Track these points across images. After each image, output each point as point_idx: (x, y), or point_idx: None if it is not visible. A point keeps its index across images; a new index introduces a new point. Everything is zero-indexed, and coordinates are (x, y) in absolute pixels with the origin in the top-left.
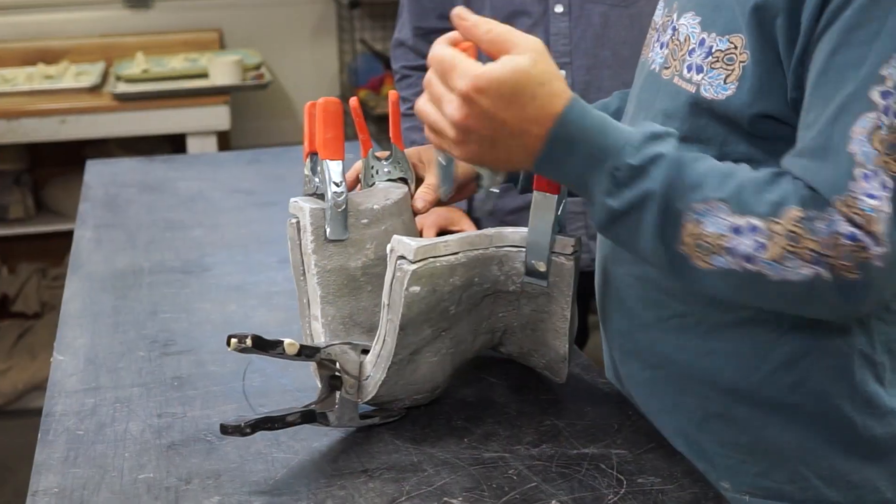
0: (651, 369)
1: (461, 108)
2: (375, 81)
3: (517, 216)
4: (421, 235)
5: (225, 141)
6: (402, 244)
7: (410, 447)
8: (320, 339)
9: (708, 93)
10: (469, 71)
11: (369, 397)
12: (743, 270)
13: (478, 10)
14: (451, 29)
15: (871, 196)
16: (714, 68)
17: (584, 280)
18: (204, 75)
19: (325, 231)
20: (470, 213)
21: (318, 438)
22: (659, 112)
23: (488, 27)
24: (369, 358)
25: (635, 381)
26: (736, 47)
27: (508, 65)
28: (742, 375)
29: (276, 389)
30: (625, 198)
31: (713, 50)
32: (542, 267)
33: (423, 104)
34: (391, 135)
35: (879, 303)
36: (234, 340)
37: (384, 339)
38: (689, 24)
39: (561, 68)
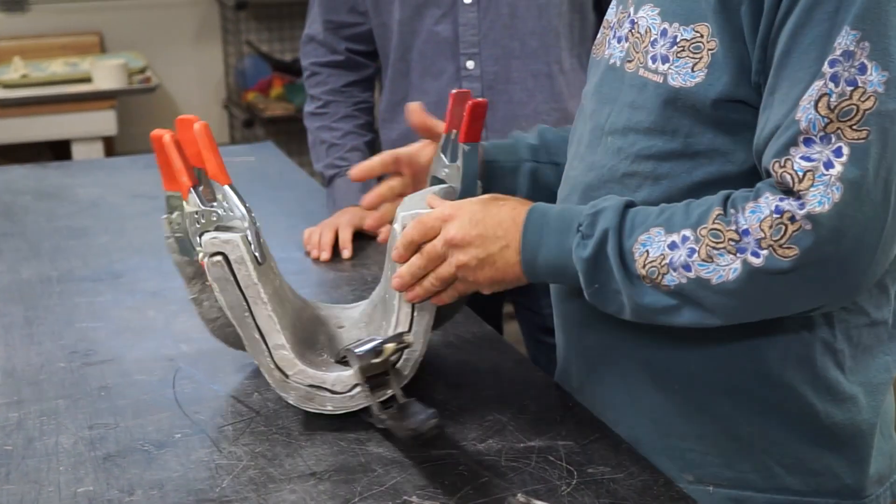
0: (610, 365)
1: (450, 226)
2: (264, 83)
3: None
4: (336, 235)
5: (110, 147)
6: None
7: (356, 448)
8: (294, 366)
9: (676, 81)
10: (440, 208)
11: (413, 373)
12: (688, 281)
13: (389, 2)
14: (361, 24)
15: (807, 159)
16: (680, 57)
17: None
18: (87, 80)
19: (256, 256)
20: None
21: (260, 443)
22: (625, 105)
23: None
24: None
25: (592, 377)
26: (702, 36)
27: (471, 199)
28: (704, 365)
29: (209, 396)
30: (591, 245)
31: (678, 39)
32: None
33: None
34: None
35: (864, 278)
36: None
37: (416, 316)
38: (648, 16)
39: (469, 59)
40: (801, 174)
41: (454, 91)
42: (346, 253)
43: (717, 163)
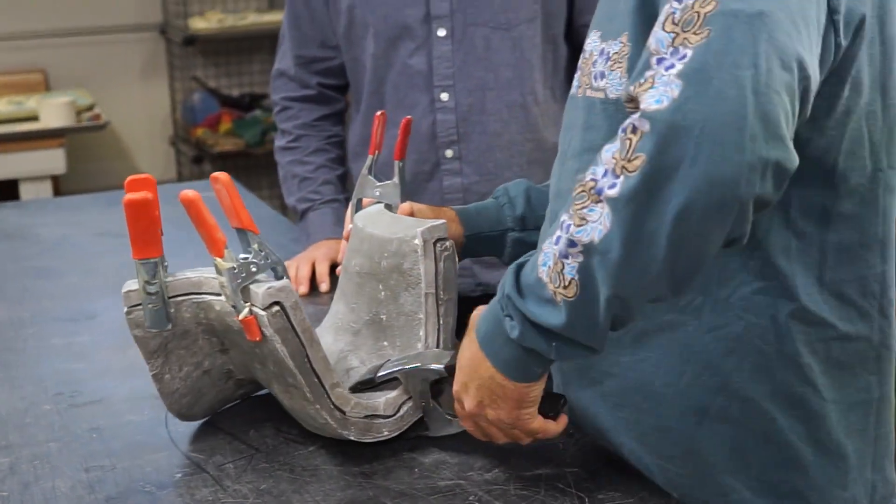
0: (591, 387)
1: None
2: (212, 119)
3: None
4: (314, 269)
5: (58, 186)
6: (434, 229)
7: (362, 482)
8: (349, 402)
9: (612, 93)
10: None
11: (408, 425)
12: (581, 257)
13: (361, 36)
14: (332, 58)
15: (651, 74)
16: (613, 70)
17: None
18: (33, 118)
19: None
20: None
21: (264, 480)
22: (579, 128)
23: None
24: (403, 389)
25: (578, 401)
26: (624, 44)
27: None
28: (669, 382)
29: (204, 434)
30: (514, 319)
31: (610, 54)
32: None
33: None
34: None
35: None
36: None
37: (441, 323)
38: (592, 41)
39: (444, 91)
40: (641, 81)
41: (379, 113)
42: (324, 286)
43: None
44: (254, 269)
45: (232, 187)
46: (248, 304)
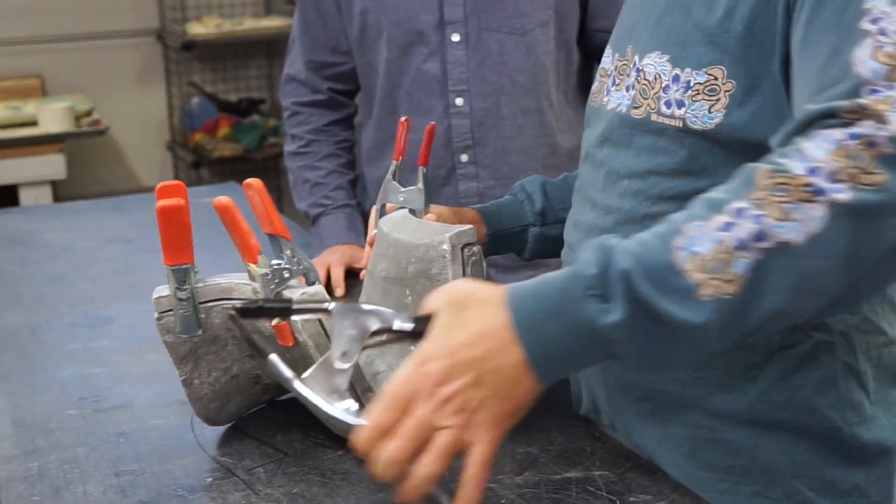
0: (638, 402)
1: (427, 391)
2: (210, 124)
3: None
4: (329, 274)
5: (56, 191)
6: (462, 234)
7: (394, 485)
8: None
9: (695, 124)
10: (405, 370)
11: None
12: (767, 255)
13: (374, 41)
14: (343, 63)
15: (883, 97)
16: (695, 100)
17: None
18: (32, 123)
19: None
20: None
21: (295, 484)
22: (642, 149)
23: None
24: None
25: (621, 415)
26: (717, 78)
27: (431, 343)
28: (733, 400)
29: (232, 438)
30: (617, 302)
31: (691, 84)
32: None
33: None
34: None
35: None
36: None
37: None
38: (656, 63)
39: (458, 96)
40: (879, 99)
41: (402, 119)
42: (339, 291)
43: None
44: (286, 276)
45: (265, 193)
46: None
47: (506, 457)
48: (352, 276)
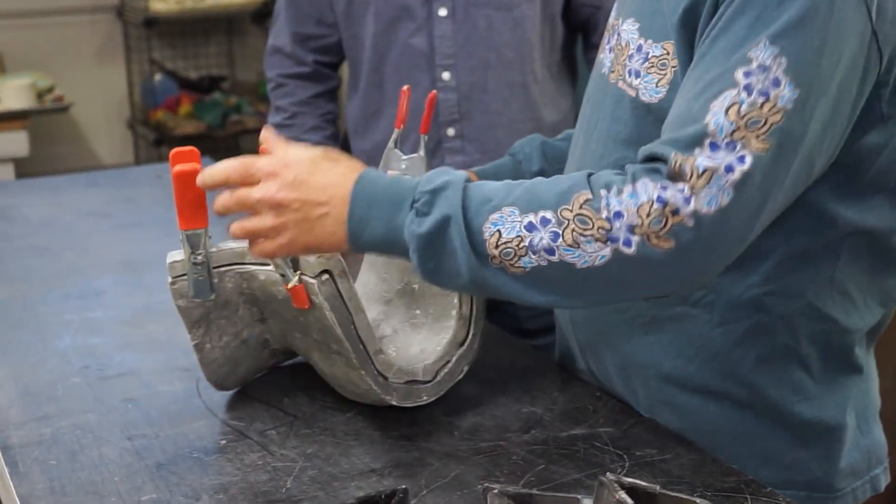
0: (602, 357)
1: (271, 184)
2: (172, 101)
3: None
4: None
5: (18, 169)
6: None
7: (405, 444)
8: (391, 367)
9: (644, 97)
10: (271, 157)
11: (445, 390)
12: (548, 264)
13: (361, 15)
14: (329, 36)
15: (711, 159)
16: (649, 73)
17: None
18: None
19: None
20: None
21: (309, 445)
22: (607, 114)
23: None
24: (460, 323)
25: (605, 371)
26: (668, 53)
27: (304, 150)
28: (678, 366)
29: (240, 402)
30: (428, 222)
31: (649, 56)
32: None
33: (235, 226)
34: None
35: (711, 274)
36: None
37: (467, 333)
38: (629, 29)
39: (445, 70)
40: (700, 170)
41: (404, 88)
42: None
43: None
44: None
45: None
46: (298, 272)
47: (510, 417)
48: None
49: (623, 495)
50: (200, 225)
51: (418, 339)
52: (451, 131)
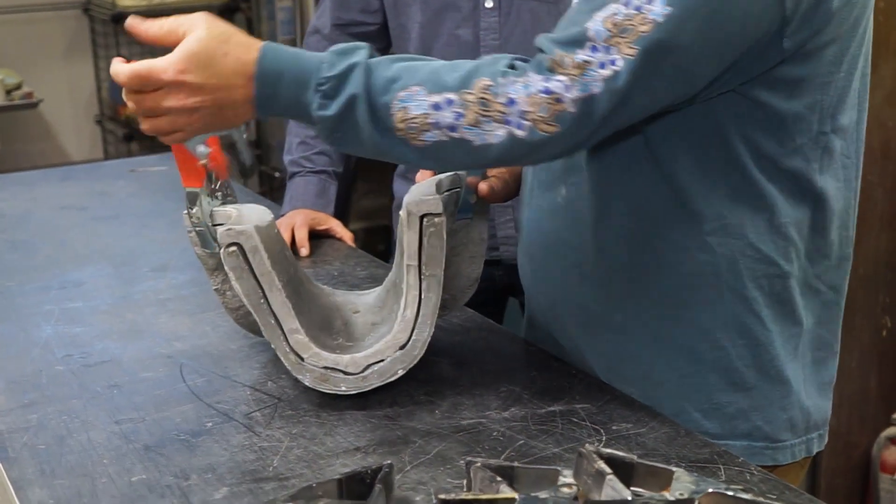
0: (563, 320)
1: (176, 93)
2: None
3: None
4: (293, 234)
5: None
6: (424, 203)
7: (388, 423)
8: (309, 349)
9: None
10: (164, 63)
11: (418, 359)
12: (449, 139)
13: (409, 4)
14: (371, 24)
15: (587, 59)
16: None
17: None
18: None
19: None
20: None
21: (293, 426)
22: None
23: (159, 24)
24: (401, 326)
25: (562, 332)
26: None
27: (191, 40)
28: (629, 315)
29: (224, 387)
30: (335, 106)
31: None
32: (473, 199)
33: (145, 123)
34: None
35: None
36: None
37: (423, 298)
38: None
39: None
40: (578, 62)
41: None
42: (304, 251)
43: None
44: (234, 213)
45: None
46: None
47: (490, 395)
48: (315, 237)
49: (602, 465)
50: (195, 185)
51: (380, 333)
52: None
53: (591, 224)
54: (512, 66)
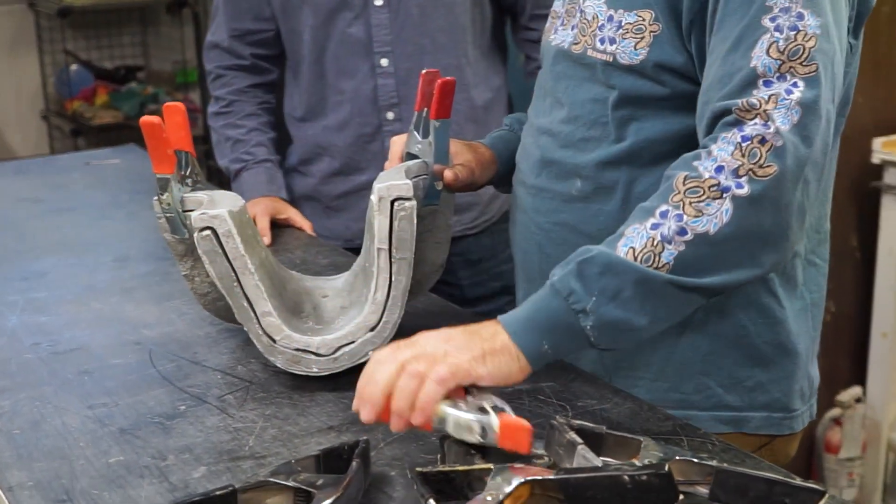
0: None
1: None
2: (88, 92)
3: (343, 200)
4: (255, 222)
5: None
6: (395, 187)
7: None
8: (281, 331)
9: (624, 59)
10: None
11: (388, 340)
12: (687, 246)
13: (298, 7)
14: (266, 30)
15: (770, 94)
16: (625, 38)
17: None
18: None
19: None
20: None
21: (266, 407)
22: (579, 79)
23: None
24: (372, 308)
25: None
26: (644, 20)
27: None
28: None
29: (195, 371)
30: (605, 316)
31: (623, 24)
32: (440, 186)
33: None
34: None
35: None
36: None
37: (393, 280)
38: (594, 4)
39: (383, 57)
40: (765, 98)
41: (424, 71)
42: (266, 240)
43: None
44: (205, 198)
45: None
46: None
47: None
48: (276, 226)
49: (573, 435)
50: (166, 171)
51: (350, 316)
52: (390, 115)
53: (616, 214)
54: (695, 152)
